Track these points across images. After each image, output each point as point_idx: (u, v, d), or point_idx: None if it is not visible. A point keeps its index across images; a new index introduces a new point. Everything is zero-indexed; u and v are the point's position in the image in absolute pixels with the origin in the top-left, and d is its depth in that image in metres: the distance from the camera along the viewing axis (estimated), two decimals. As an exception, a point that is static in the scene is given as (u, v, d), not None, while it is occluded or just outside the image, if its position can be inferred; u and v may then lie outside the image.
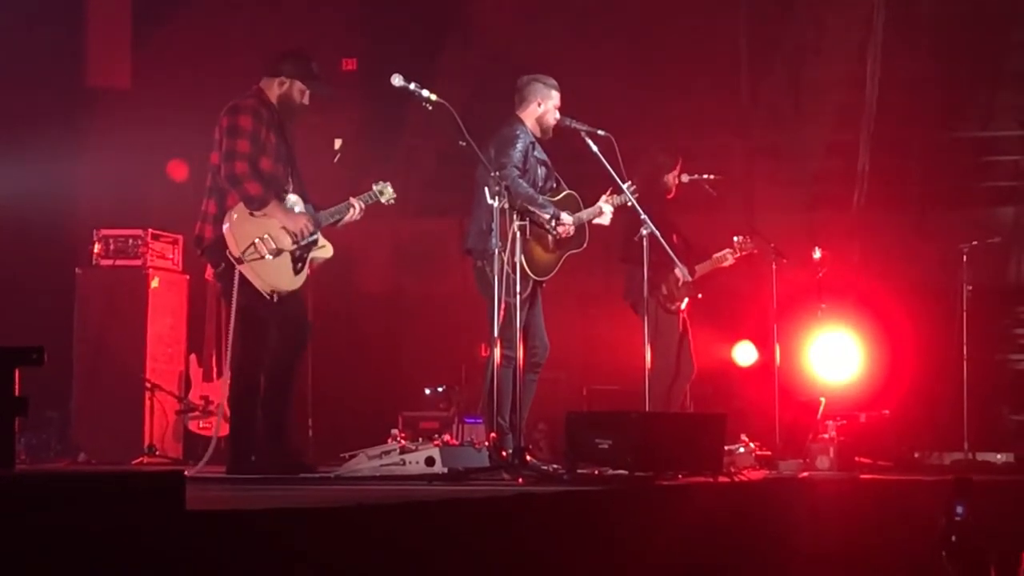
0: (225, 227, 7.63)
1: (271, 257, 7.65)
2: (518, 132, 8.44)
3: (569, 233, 8.45)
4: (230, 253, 7.62)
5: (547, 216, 8.23)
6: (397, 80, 7.47)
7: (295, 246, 7.75)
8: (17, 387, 4.58)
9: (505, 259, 7.39)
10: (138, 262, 10.31)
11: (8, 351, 4.54)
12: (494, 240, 7.37)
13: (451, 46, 12.72)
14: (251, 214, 7.65)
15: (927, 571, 7.29)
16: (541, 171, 8.50)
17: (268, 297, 7.68)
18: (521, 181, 8.12)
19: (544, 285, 8.56)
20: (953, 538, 7.02)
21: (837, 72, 13.19)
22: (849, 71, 13.08)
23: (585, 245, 8.60)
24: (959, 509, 7.05)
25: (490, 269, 7.93)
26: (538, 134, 8.56)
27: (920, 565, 7.42)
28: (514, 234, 7.34)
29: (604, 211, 8.66)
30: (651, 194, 9.27)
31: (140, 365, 10.02)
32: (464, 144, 7.43)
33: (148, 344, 10.11)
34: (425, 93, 7.45)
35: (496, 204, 7.34)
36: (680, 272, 9.50)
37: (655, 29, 12.56)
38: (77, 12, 11.38)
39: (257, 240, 7.62)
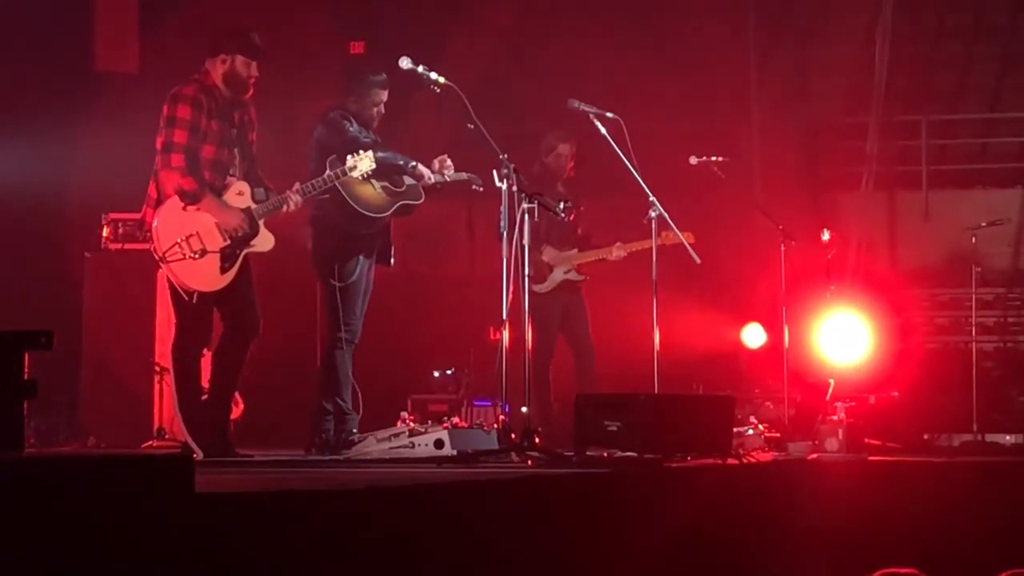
0: (154, 223, 7.56)
1: (194, 257, 7.53)
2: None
3: None
4: (154, 250, 7.55)
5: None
6: (405, 63, 7.46)
7: (227, 243, 7.59)
8: (26, 371, 4.59)
9: (515, 241, 7.32)
10: (147, 246, 10.25)
11: (17, 335, 4.54)
12: (503, 223, 7.32)
13: (459, 29, 12.69)
14: (183, 208, 7.54)
15: (934, 553, 7.29)
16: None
17: (186, 298, 7.59)
18: None
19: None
20: None
21: (845, 54, 13.17)
22: (857, 53, 13.06)
23: (419, 201, 8.42)
24: None
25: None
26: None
27: (928, 547, 7.42)
28: (522, 217, 7.28)
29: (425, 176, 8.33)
30: (534, 173, 9.34)
31: (149, 349, 9.98)
32: (472, 127, 7.40)
33: (157, 328, 10.07)
34: (433, 76, 7.44)
35: (504, 186, 7.32)
36: (548, 253, 9.67)
37: (663, 11, 12.53)
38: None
39: (181, 240, 7.50)
